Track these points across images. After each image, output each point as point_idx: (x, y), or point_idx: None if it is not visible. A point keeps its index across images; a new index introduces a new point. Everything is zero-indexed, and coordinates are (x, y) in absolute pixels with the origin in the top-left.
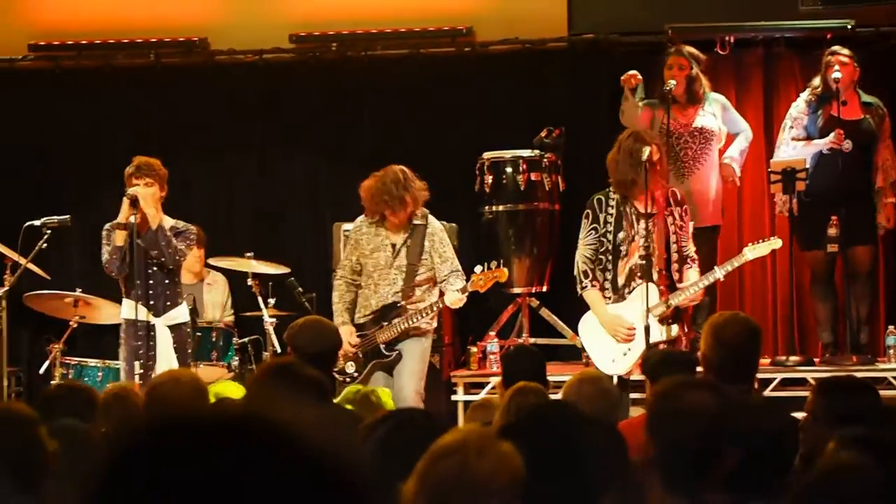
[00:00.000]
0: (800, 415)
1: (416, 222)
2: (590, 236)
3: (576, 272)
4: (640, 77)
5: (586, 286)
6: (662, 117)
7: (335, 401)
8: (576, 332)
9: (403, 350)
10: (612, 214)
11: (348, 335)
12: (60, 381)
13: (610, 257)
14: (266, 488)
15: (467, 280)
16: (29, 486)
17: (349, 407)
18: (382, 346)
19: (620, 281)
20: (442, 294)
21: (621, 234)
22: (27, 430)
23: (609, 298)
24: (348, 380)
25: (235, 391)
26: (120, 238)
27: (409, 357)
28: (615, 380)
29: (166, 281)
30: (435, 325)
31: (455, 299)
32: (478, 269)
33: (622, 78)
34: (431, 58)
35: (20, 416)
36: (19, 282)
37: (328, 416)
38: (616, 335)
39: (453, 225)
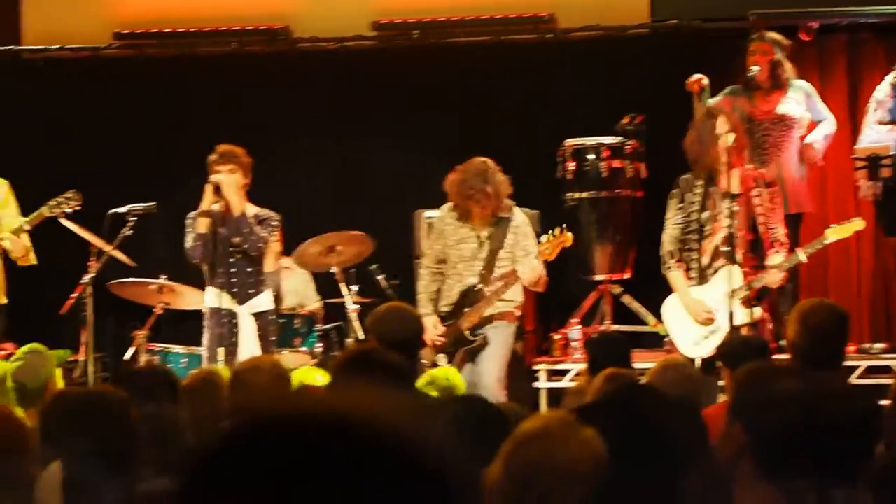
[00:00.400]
0: (885, 402)
1: (501, 215)
2: (676, 216)
3: (661, 252)
4: (705, 82)
5: (671, 266)
6: (744, 105)
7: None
8: (658, 318)
9: (488, 335)
10: (697, 194)
11: (432, 326)
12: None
13: (696, 237)
14: (355, 480)
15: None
16: (121, 466)
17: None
18: (467, 333)
19: (704, 261)
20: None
21: (705, 214)
22: (119, 412)
23: (693, 280)
24: None
25: (318, 378)
26: (203, 225)
27: (492, 343)
28: (699, 363)
29: (249, 269)
30: (519, 313)
31: (527, 269)
32: (543, 238)
33: (687, 82)
34: (513, 45)
35: (113, 399)
36: (104, 269)
37: (411, 402)
38: (697, 318)
39: (536, 212)
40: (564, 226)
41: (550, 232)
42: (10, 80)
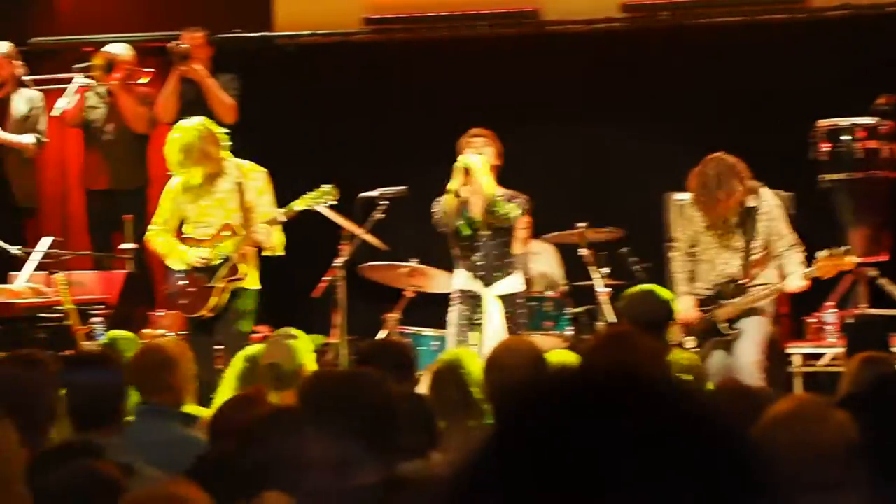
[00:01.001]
0: None
1: (749, 204)
2: None
3: None
4: None
5: None
6: None
7: None
8: None
9: (744, 322)
10: None
11: (689, 306)
12: None
13: None
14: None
15: (809, 258)
16: (381, 445)
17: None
18: (724, 325)
19: None
20: (783, 278)
21: None
22: (378, 391)
23: None
24: None
25: (571, 361)
26: (451, 205)
27: (749, 327)
28: None
29: (496, 252)
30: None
31: (796, 287)
32: (823, 253)
33: None
34: (764, 25)
35: (372, 379)
36: (356, 252)
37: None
38: None
39: (789, 193)
40: (849, 248)
41: (831, 250)
42: (262, 65)
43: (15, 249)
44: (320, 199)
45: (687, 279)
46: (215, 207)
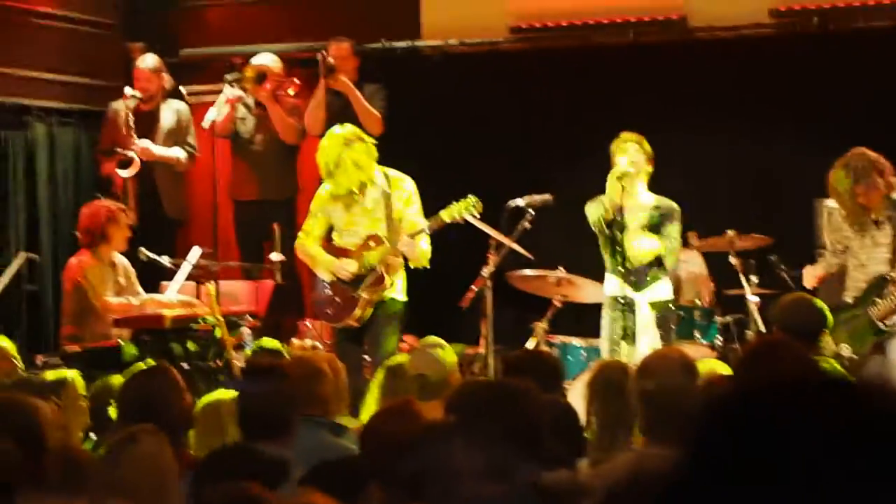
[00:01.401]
0: None
1: (893, 196)
2: None
3: None
4: None
5: None
6: None
7: None
8: None
9: None
10: None
11: (814, 273)
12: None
13: None
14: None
15: None
16: (530, 455)
17: None
18: (880, 323)
19: None
20: None
21: None
22: (527, 400)
23: None
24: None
25: (722, 371)
26: (607, 212)
27: None
28: None
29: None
30: None
31: None
32: None
33: None
34: None
35: (520, 388)
36: (503, 261)
37: None
38: None
39: None
40: None
41: None
42: (408, 74)
43: (166, 261)
44: (465, 210)
45: (828, 264)
46: (362, 217)
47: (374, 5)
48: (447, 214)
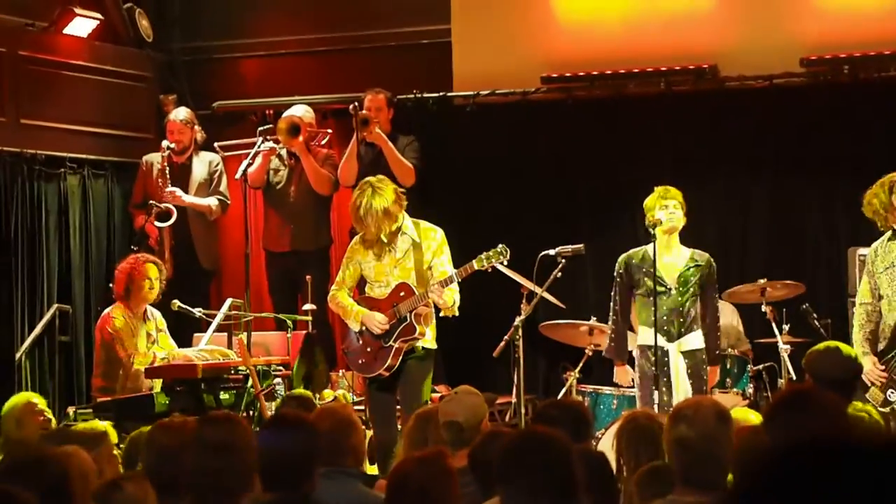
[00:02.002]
0: None
1: None
2: None
3: None
4: None
5: None
6: None
7: None
8: None
9: None
10: None
11: (872, 364)
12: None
13: None
14: None
15: None
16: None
17: None
18: None
19: None
20: None
21: None
22: (557, 450)
23: None
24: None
25: (753, 419)
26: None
27: None
28: None
29: (680, 308)
30: None
31: None
32: None
33: None
34: None
35: (550, 437)
36: (535, 310)
37: None
38: None
39: None
40: None
41: None
42: (441, 124)
43: (197, 312)
44: (494, 259)
45: (865, 339)
46: (393, 266)
47: (406, 57)
48: (477, 263)
